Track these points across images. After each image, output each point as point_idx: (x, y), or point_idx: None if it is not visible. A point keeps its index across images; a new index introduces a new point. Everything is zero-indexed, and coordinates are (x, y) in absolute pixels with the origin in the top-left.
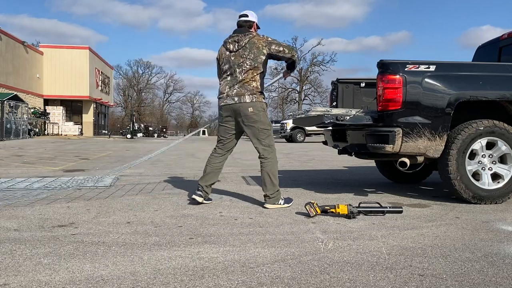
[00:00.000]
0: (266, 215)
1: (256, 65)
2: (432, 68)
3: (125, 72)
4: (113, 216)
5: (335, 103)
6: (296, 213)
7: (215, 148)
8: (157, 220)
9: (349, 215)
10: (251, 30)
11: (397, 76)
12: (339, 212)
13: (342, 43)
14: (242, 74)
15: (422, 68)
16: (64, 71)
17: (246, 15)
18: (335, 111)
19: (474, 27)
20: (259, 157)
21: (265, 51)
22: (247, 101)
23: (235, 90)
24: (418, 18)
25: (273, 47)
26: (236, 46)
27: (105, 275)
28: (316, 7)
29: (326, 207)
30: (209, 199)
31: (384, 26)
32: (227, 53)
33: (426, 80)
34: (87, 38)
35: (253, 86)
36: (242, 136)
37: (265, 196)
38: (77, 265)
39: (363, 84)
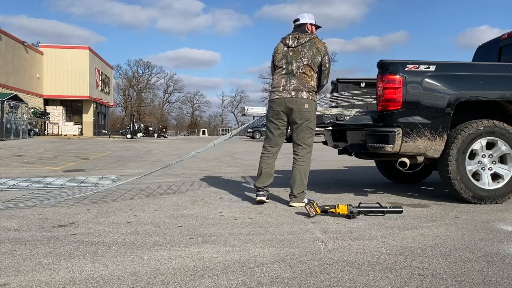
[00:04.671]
0: (266, 215)
1: (313, 64)
2: (432, 68)
3: (125, 72)
4: (113, 216)
5: (335, 103)
6: (296, 213)
7: (265, 147)
8: (157, 220)
9: (349, 215)
10: (308, 31)
11: (397, 76)
12: (339, 212)
13: (340, 43)
14: (300, 69)
15: (422, 68)
16: (64, 71)
17: (298, 19)
18: (335, 111)
19: (472, 28)
20: (295, 154)
21: (322, 54)
22: (304, 97)
23: (292, 85)
24: (416, 18)
25: (326, 58)
26: (295, 43)
27: (105, 275)
28: (313, 7)
29: (326, 207)
30: (268, 197)
31: (382, 26)
32: (285, 48)
33: (426, 80)
34: (86, 39)
35: (311, 85)
36: (242, 137)
37: (291, 195)
38: (77, 265)
39: (363, 84)
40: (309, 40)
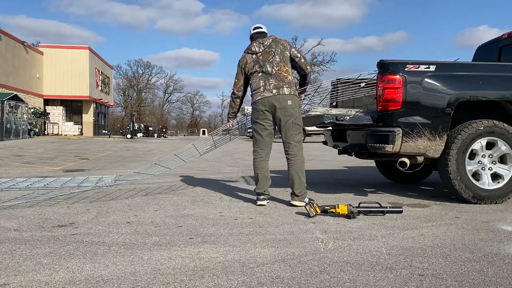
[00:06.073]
0: (266, 215)
1: (284, 59)
2: (432, 68)
3: (125, 72)
4: (113, 216)
5: (335, 103)
6: (296, 213)
7: (255, 151)
8: (157, 220)
9: (349, 215)
10: None
11: (397, 76)
12: (339, 212)
13: (340, 44)
14: (275, 67)
15: (422, 68)
16: (64, 71)
17: (260, 27)
18: (335, 111)
19: (471, 28)
20: (287, 154)
21: (288, 48)
22: (286, 93)
23: (272, 84)
24: (415, 18)
25: (293, 49)
26: (261, 47)
27: (105, 275)
28: (313, 7)
29: (326, 207)
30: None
31: (381, 27)
32: (254, 56)
33: (426, 80)
34: (86, 39)
35: (289, 80)
36: (242, 137)
37: (292, 194)
38: (77, 265)
39: (363, 84)
40: (272, 40)
